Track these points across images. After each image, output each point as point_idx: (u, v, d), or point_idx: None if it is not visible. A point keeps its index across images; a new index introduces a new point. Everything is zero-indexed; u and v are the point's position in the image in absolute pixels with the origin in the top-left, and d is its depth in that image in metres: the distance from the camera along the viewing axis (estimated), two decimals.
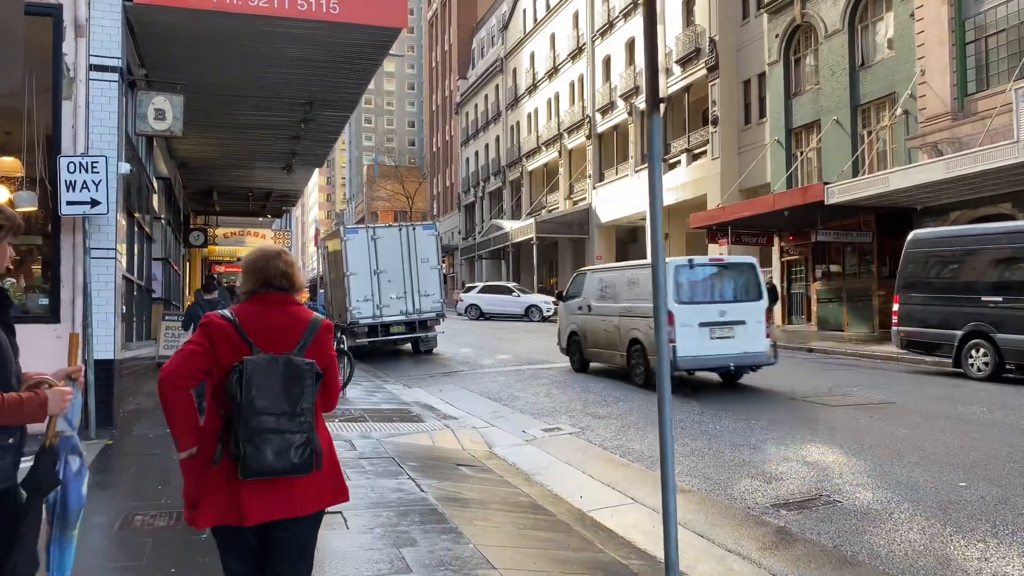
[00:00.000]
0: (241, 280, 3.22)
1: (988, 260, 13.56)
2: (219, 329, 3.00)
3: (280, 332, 3.02)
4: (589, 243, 40.86)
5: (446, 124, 68.27)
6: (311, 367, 2.99)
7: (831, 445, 8.10)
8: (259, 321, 3.01)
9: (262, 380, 2.87)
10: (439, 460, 7.83)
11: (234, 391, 2.86)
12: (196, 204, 25.05)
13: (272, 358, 2.94)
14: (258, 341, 2.97)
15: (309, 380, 2.96)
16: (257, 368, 2.89)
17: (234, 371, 2.88)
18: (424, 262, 18.95)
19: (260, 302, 3.07)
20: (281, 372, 2.92)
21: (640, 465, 7.65)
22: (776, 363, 12.50)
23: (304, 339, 3.05)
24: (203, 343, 2.99)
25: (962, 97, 20.42)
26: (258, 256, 3.18)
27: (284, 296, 3.11)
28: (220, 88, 11.91)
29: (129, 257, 10.84)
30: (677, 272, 12.12)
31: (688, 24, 32.50)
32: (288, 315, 3.08)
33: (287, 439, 2.88)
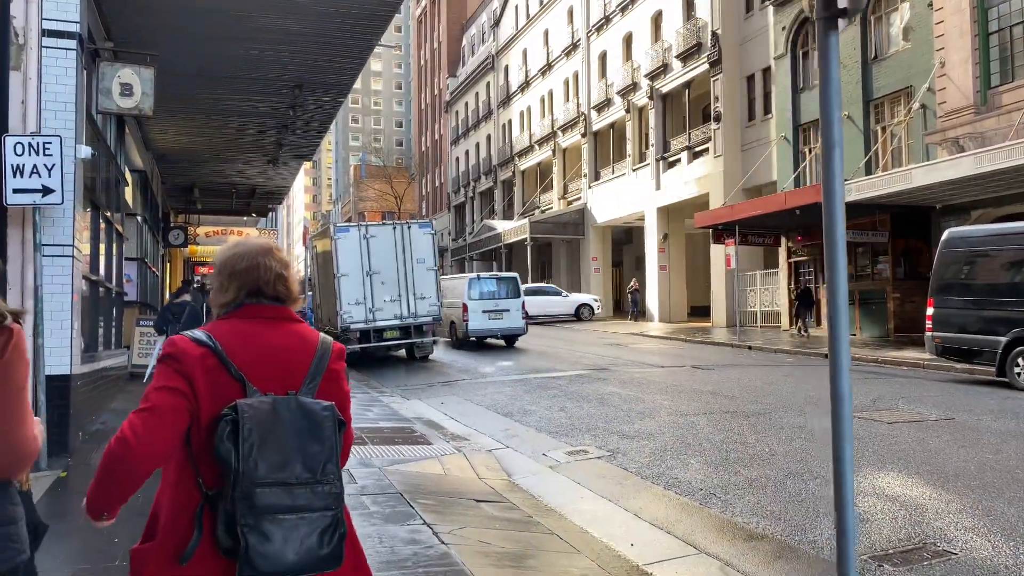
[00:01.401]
0: (214, 287, 2.28)
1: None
2: (194, 360, 2.05)
3: (281, 362, 2.14)
4: (584, 244, 39.77)
5: (435, 123, 67.02)
6: (331, 413, 2.11)
7: (909, 474, 6.98)
8: (250, 346, 2.12)
9: (266, 434, 2.01)
10: (454, 495, 6.65)
11: (226, 452, 1.98)
12: (176, 201, 23.74)
13: (276, 401, 2.06)
14: (252, 376, 2.08)
15: (331, 431, 2.09)
16: (258, 417, 2.01)
17: (223, 422, 2.00)
18: (420, 263, 17.75)
19: (247, 319, 2.18)
20: (291, 422, 2.05)
21: (690, 499, 6.50)
22: (526, 334, 21.71)
23: (313, 371, 2.17)
24: (179, 386, 2.03)
25: (985, 90, 19.44)
26: (240, 252, 2.26)
27: (280, 309, 2.23)
28: (200, 68, 10.69)
29: (94, 256, 9.60)
30: (471, 283, 21.38)
31: (689, 18, 31.48)
32: (288, 336, 2.19)
33: (309, 520, 2.02)
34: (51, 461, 6.92)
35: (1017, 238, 13.03)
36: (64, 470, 6.92)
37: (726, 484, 6.87)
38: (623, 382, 13.72)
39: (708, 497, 6.53)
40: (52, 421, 7.08)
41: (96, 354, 9.13)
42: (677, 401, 11.45)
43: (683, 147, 31.92)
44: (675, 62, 32.19)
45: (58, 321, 7.26)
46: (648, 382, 13.71)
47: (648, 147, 34.57)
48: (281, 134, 13.91)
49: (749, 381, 13.62)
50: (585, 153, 40.07)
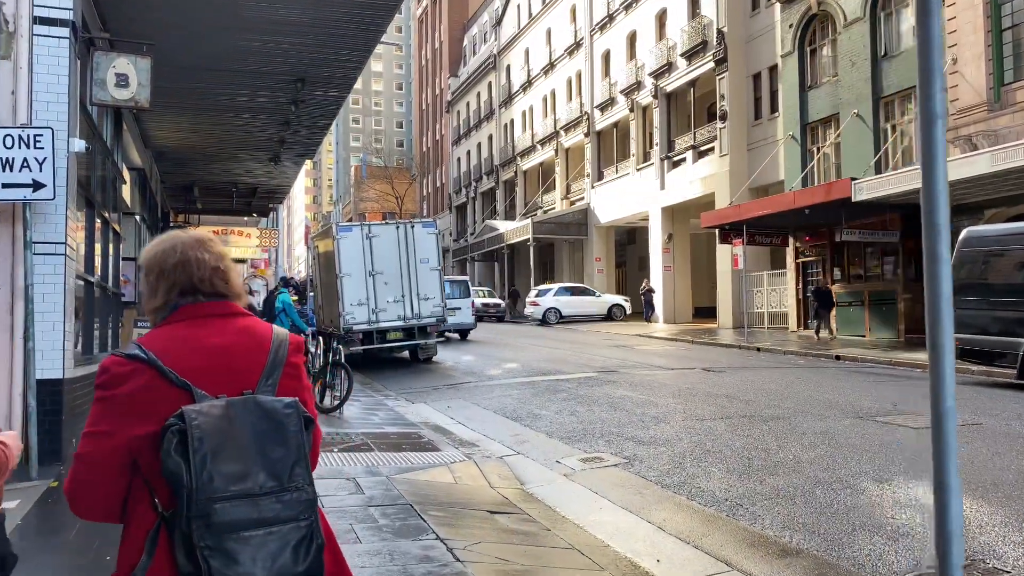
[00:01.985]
0: (144, 292, 2.01)
1: None
2: (127, 384, 1.78)
3: (231, 363, 1.87)
4: (587, 244, 39.45)
5: (436, 123, 66.72)
6: (295, 410, 1.84)
7: None
8: (192, 350, 1.85)
9: (221, 441, 1.74)
10: (467, 506, 6.31)
11: (175, 467, 1.71)
12: (175, 201, 23.38)
13: (230, 403, 1.79)
14: (200, 382, 1.81)
15: (296, 430, 1.82)
16: (210, 423, 1.74)
17: (169, 433, 1.72)
18: (424, 263, 17.41)
19: (185, 320, 1.91)
20: (249, 424, 1.78)
21: (716, 511, 6.16)
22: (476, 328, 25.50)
23: (269, 367, 1.90)
24: (108, 428, 1.78)
25: (998, 87, 19.11)
26: (167, 247, 1.98)
27: (222, 305, 1.96)
28: (198, 61, 10.35)
29: (90, 256, 9.26)
30: None
31: (694, 16, 31.17)
32: (236, 334, 1.93)
33: (279, 535, 1.75)
34: (42, 470, 6.59)
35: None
36: (56, 480, 6.58)
37: (752, 494, 6.53)
38: (633, 385, 13.38)
39: (735, 508, 6.19)
40: (43, 428, 6.75)
41: (91, 357, 8.79)
42: (691, 405, 11.11)
43: (688, 146, 31.59)
44: (680, 60, 31.87)
45: (50, 323, 6.92)
46: (659, 385, 13.37)
47: (652, 146, 34.24)
48: (283, 130, 13.57)
49: (763, 384, 13.27)
50: (588, 153, 39.74)
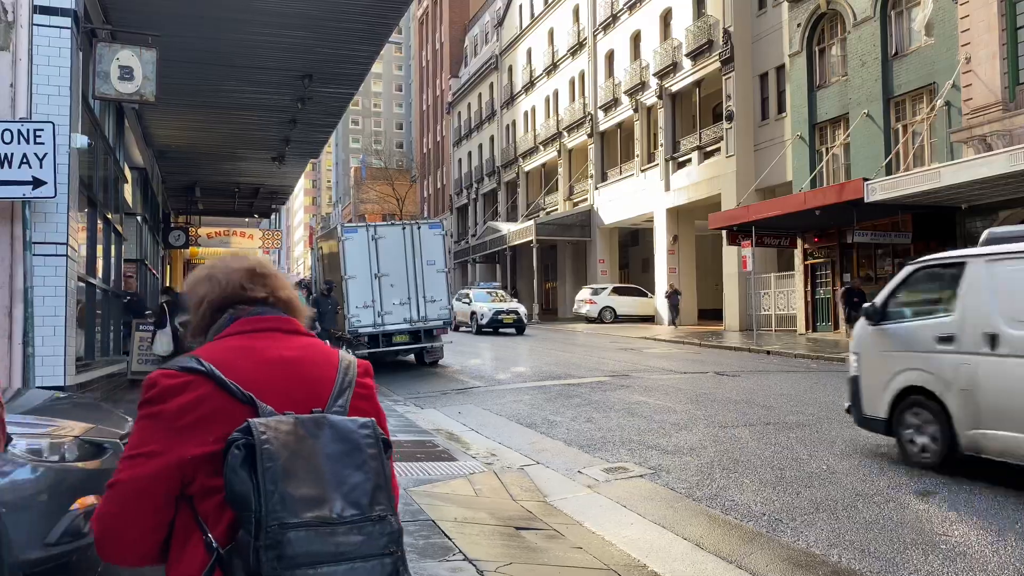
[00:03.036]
0: (192, 315, 1.81)
1: None
2: (179, 397, 1.55)
3: (298, 377, 1.65)
4: (591, 246, 39.13)
5: (437, 124, 66.42)
6: (372, 431, 1.61)
7: (991, 496, 6.32)
8: (254, 361, 1.64)
9: (293, 460, 1.50)
10: (491, 521, 5.97)
11: (241, 485, 1.47)
12: (177, 202, 23.08)
13: (299, 421, 1.55)
14: (263, 396, 1.58)
15: (375, 454, 1.59)
16: (279, 438, 1.51)
17: (234, 448, 1.48)
18: (430, 264, 17.09)
19: (244, 333, 1.70)
20: (321, 444, 1.55)
21: (754, 526, 5.83)
22: None
23: (339, 387, 1.68)
24: (155, 448, 1.54)
25: (1013, 86, 18.79)
26: (229, 257, 1.87)
27: (287, 319, 1.77)
28: (203, 56, 10.02)
29: (91, 257, 8.94)
30: None
31: (699, 15, 30.87)
32: (303, 349, 1.72)
33: (362, 572, 1.51)
34: None
35: None
36: None
37: (790, 508, 6.21)
38: (648, 389, 13.05)
39: (774, 523, 5.86)
40: None
41: (93, 362, 8.46)
42: (711, 411, 10.79)
43: (694, 147, 31.29)
44: (685, 60, 31.58)
45: (51, 327, 6.59)
46: (675, 390, 13.04)
47: (657, 147, 33.94)
48: (288, 129, 13.25)
49: (780, 388, 12.95)
50: (591, 154, 39.43)
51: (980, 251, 7.28)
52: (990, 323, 6.64)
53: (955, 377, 6.87)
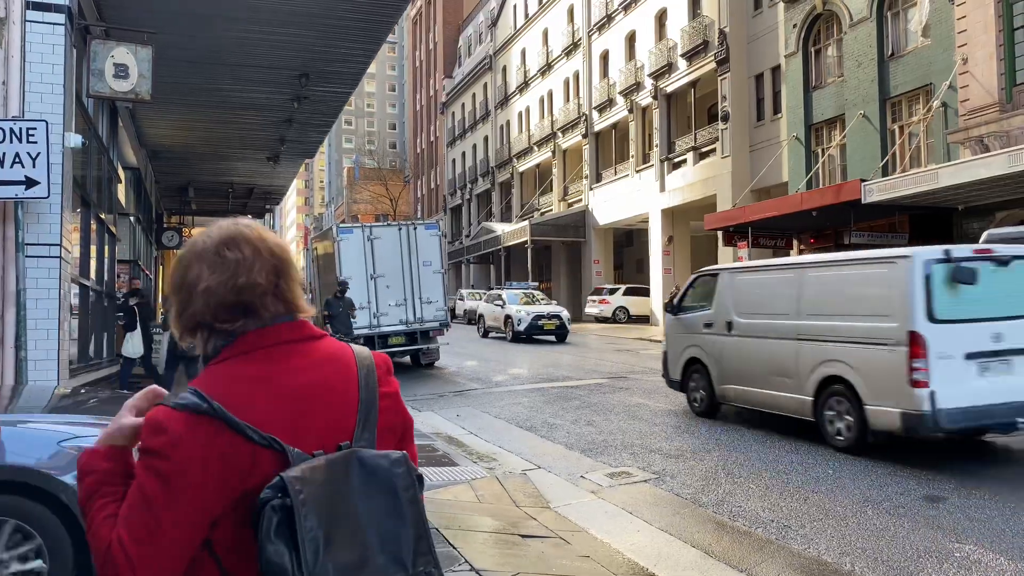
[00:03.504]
0: (179, 310, 1.45)
1: None
2: (195, 447, 1.29)
3: (321, 407, 1.40)
4: (586, 247, 39.03)
5: (431, 125, 66.26)
6: (405, 468, 1.40)
7: (1000, 499, 6.24)
8: (271, 396, 1.36)
9: (332, 518, 1.30)
10: (496, 529, 5.86)
11: (278, 557, 1.25)
12: (170, 202, 22.89)
13: (329, 463, 1.33)
14: (288, 433, 1.34)
15: (411, 495, 1.39)
16: (316, 494, 1.29)
17: (267, 510, 1.26)
18: (426, 265, 16.97)
19: (253, 351, 1.41)
20: (356, 491, 1.34)
21: (763, 532, 5.73)
22: None
23: (365, 407, 1.44)
24: (176, 520, 1.29)
25: (1010, 87, 18.77)
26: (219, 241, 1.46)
27: (299, 325, 1.47)
28: (198, 55, 9.88)
29: (85, 258, 8.79)
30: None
31: (695, 16, 30.82)
32: (320, 365, 1.44)
33: None
34: None
35: None
36: None
37: (799, 514, 6.11)
38: (647, 392, 12.96)
39: (783, 530, 5.76)
40: None
41: (86, 365, 8.31)
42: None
43: (689, 148, 31.23)
44: (680, 61, 31.52)
45: (43, 331, 6.45)
46: (673, 392, 12.92)
47: (652, 148, 33.87)
48: (284, 129, 13.10)
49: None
50: (586, 154, 39.35)
51: (727, 266, 11.13)
52: (729, 315, 9.86)
53: (712, 350, 10.13)
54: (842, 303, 8.18)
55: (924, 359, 7.15)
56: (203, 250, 1.44)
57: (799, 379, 8.50)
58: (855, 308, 7.99)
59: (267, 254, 1.46)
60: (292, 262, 1.52)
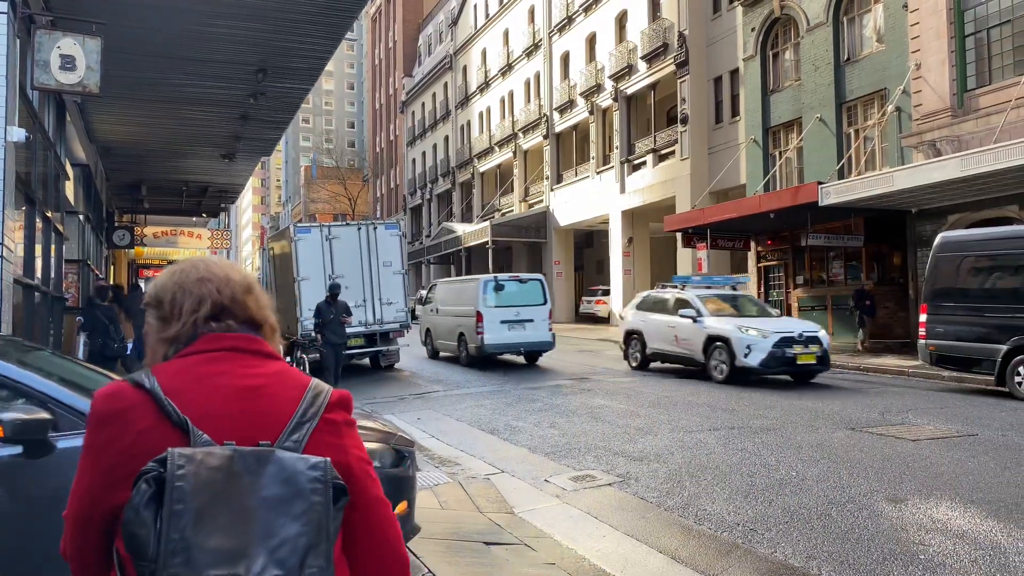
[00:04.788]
0: (152, 320, 1.57)
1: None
2: (128, 416, 1.40)
3: (252, 407, 1.44)
4: (546, 247, 39.03)
5: (390, 123, 65.76)
6: (323, 474, 1.37)
7: (964, 504, 6.28)
8: (205, 386, 1.44)
9: (212, 502, 1.29)
10: (459, 536, 5.72)
11: (138, 527, 1.28)
12: (121, 200, 22.28)
13: (236, 453, 1.35)
14: (203, 425, 1.39)
15: (320, 504, 1.35)
16: (200, 474, 1.31)
17: (141, 482, 1.29)
18: (386, 266, 16.74)
19: (205, 353, 1.50)
20: (256, 485, 1.33)
21: (729, 536, 5.69)
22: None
23: (298, 420, 1.45)
24: (88, 487, 1.42)
25: (962, 93, 19.19)
26: (186, 264, 1.62)
27: (255, 340, 1.55)
28: (149, 47, 9.55)
29: (29, 257, 8.44)
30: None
31: (655, 18, 31.00)
32: (268, 377, 1.50)
33: None
34: None
35: (1017, 242, 12.61)
36: None
37: (764, 517, 6.08)
38: (609, 393, 12.92)
39: (749, 534, 5.72)
40: None
41: None
42: (674, 415, 10.68)
43: (648, 149, 31.39)
44: (640, 63, 31.67)
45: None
46: (636, 393, 12.93)
47: (612, 149, 33.99)
48: (240, 126, 12.78)
49: (740, 391, 12.92)
50: (547, 155, 39.35)
51: (442, 280, 20.58)
52: (437, 305, 19.49)
53: (433, 323, 19.41)
54: (463, 299, 17.81)
55: (482, 323, 16.70)
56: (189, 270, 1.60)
57: (453, 335, 18.03)
58: (465, 301, 17.58)
59: (241, 275, 1.62)
60: (259, 286, 1.65)
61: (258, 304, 1.60)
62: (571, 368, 16.93)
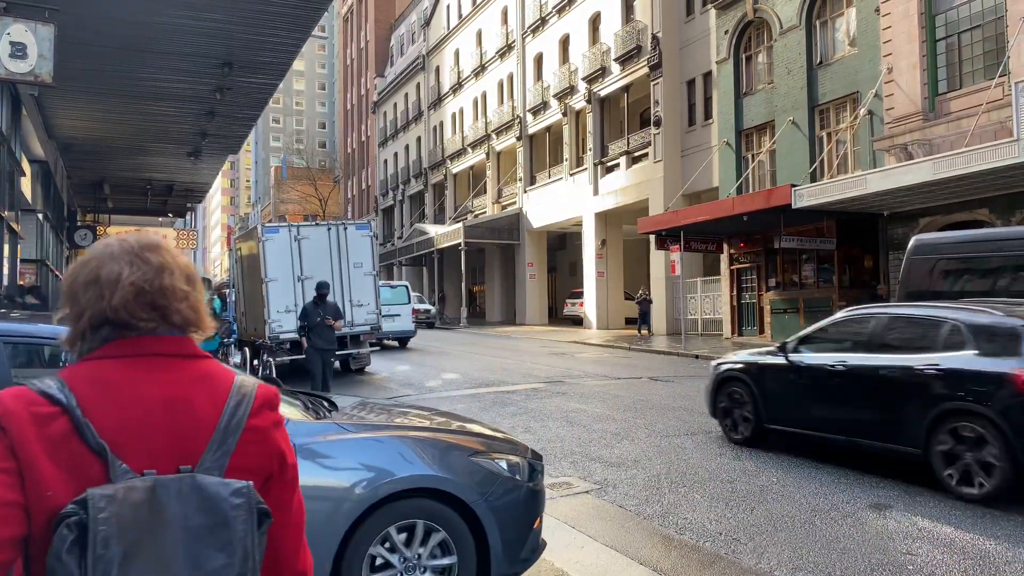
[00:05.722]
0: (67, 316, 1.44)
1: (1015, 268, 12.07)
2: (26, 427, 1.28)
3: (172, 422, 1.35)
4: (519, 249, 38.84)
5: (362, 124, 65.23)
6: (246, 500, 1.32)
7: (945, 508, 6.14)
8: (123, 401, 1.34)
9: (137, 544, 1.24)
10: None
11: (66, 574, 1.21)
12: (84, 199, 21.71)
13: (158, 485, 1.28)
14: (124, 446, 1.30)
15: (243, 531, 1.31)
16: (122, 515, 1.24)
17: (62, 528, 1.22)
18: (357, 267, 16.39)
19: (123, 358, 1.38)
20: (179, 517, 1.28)
21: (712, 546, 5.49)
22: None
23: (221, 434, 1.38)
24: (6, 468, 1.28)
25: (933, 97, 19.30)
26: (111, 252, 1.43)
27: (177, 340, 1.43)
28: (110, 39, 9.19)
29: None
30: None
31: (628, 20, 30.97)
32: (188, 384, 1.40)
33: None
34: None
35: (992, 245, 12.62)
36: None
37: (747, 526, 5.90)
38: (584, 396, 12.73)
39: (732, 543, 5.53)
40: None
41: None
42: (651, 419, 10.51)
43: (622, 152, 31.34)
44: (614, 65, 31.62)
45: None
46: (611, 396, 12.75)
47: (586, 151, 33.90)
48: (206, 122, 12.41)
49: None
50: (520, 157, 39.18)
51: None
52: None
53: None
54: None
55: None
56: (121, 251, 1.42)
57: None
58: None
59: (184, 266, 1.47)
60: (199, 279, 1.52)
61: (192, 305, 1.45)
62: (544, 371, 16.73)
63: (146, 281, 1.39)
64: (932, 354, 6.75)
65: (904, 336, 7.27)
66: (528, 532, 4.24)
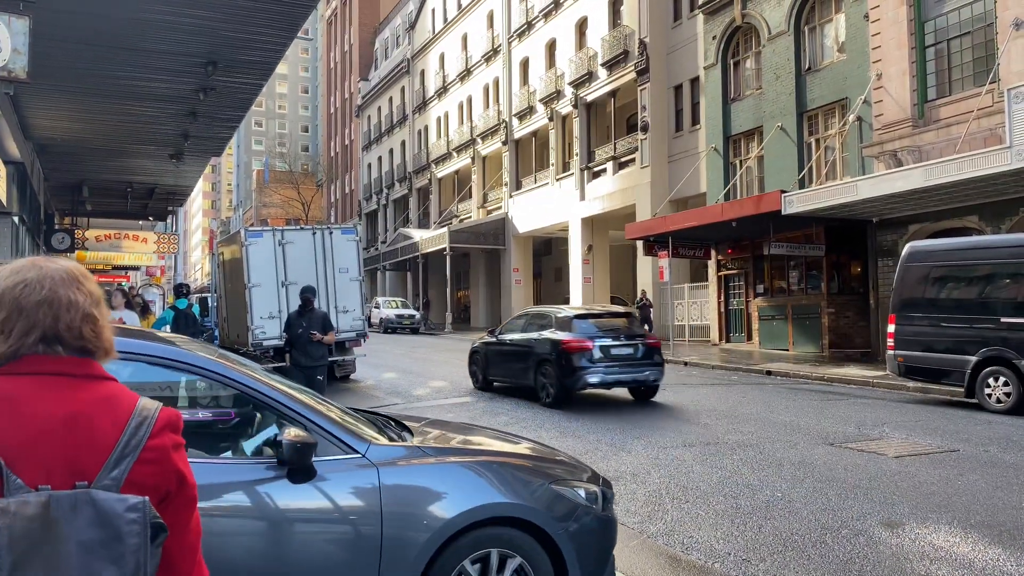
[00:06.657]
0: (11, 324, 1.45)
1: (1008, 275, 11.97)
2: None
3: (68, 440, 1.38)
4: (505, 254, 38.59)
5: (346, 128, 64.80)
6: (141, 514, 1.34)
7: (964, 527, 5.94)
8: (20, 416, 1.37)
9: (26, 556, 1.28)
10: None
11: None
12: (62, 201, 21.23)
13: (53, 499, 1.32)
14: (20, 461, 1.34)
15: (135, 544, 1.33)
16: (14, 527, 1.28)
17: None
18: (343, 272, 16.04)
19: (25, 375, 1.41)
20: (73, 531, 1.31)
21: (722, 567, 5.25)
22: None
23: (119, 453, 1.39)
24: None
25: (922, 103, 19.27)
26: (31, 279, 1.46)
27: (84, 362, 1.47)
28: (90, 36, 8.84)
29: None
30: None
31: (615, 25, 30.86)
32: (87, 403, 1.42)
33: None
34: None
35: (984, 252, 12.52)
36: None
37: (756, 545, 5.66)
38: (575, 405, 12.46)
39: (743, 564, 5.28)
40: None
41: None
42: (646, 429, 10.26)
43: (608, 157, 31.19)
44: (601, 70, 31.49)
45: None
46: (601, 405, 12.50)
47: (572, 156, 33.73)
48: (188, 123, 12.06)
49: (710, 404, 12.60)
50: (506, 161, 38.96)
51: None
52: None
53: None
54: None
55: None
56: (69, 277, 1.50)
57: None
58: None
59: (86, 296, 1.50)
60: (104, 305, 1.56)
61: (95, 330, 1.49)
62: None
63: (91, 305, 1.48)
64: (540, 332, 12.95)
65: (534, 324, 13.52)
66: (605, 563, 4.11)
